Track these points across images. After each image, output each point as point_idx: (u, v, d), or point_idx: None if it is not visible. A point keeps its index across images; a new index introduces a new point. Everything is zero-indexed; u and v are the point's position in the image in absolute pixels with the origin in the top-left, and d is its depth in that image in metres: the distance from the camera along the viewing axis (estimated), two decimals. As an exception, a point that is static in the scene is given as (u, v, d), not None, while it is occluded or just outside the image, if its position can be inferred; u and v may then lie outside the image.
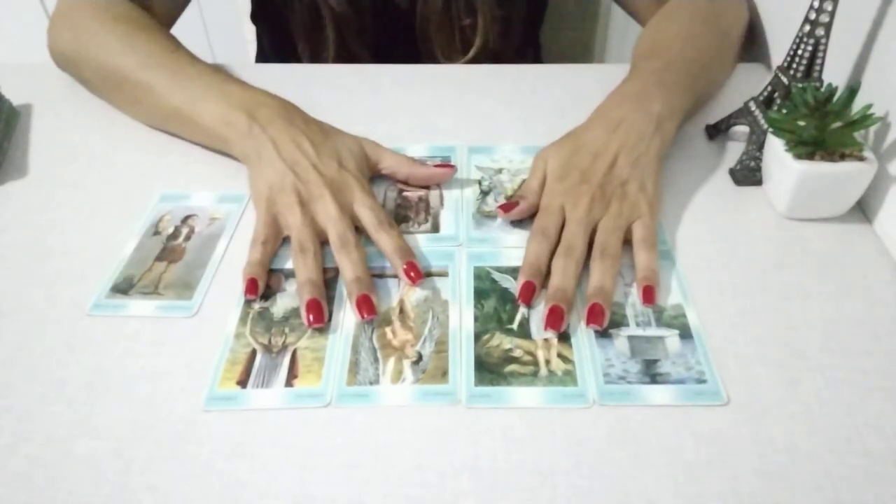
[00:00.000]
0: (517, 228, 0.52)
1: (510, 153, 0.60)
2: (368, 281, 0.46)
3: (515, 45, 0.81)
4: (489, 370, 0.41)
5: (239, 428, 0.39)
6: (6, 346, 0.43)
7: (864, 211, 0.52)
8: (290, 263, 0.48)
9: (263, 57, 0.93)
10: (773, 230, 0.51)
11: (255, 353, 0.43)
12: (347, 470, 0.37)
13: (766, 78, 0.57)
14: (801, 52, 0.51)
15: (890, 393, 0.40)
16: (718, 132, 0.60)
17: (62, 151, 0.61)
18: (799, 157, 0.48)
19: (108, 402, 0.40)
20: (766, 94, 0.56)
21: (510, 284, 0.47)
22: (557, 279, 0.45)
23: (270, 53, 0.90)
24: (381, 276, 0.48)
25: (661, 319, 0.44)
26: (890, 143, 0.50)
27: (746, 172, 0.55)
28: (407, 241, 0.48)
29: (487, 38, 0.76)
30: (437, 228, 0.52)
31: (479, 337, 0.43)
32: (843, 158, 0.48)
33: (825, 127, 0.47)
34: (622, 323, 0.44)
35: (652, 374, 0.41)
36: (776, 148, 0.50)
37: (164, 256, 0.50)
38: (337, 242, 0.47)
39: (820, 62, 0.51)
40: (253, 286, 0.46)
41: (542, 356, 0.42)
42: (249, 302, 0.46)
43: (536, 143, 0.57)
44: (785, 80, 0.53)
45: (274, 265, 0.48)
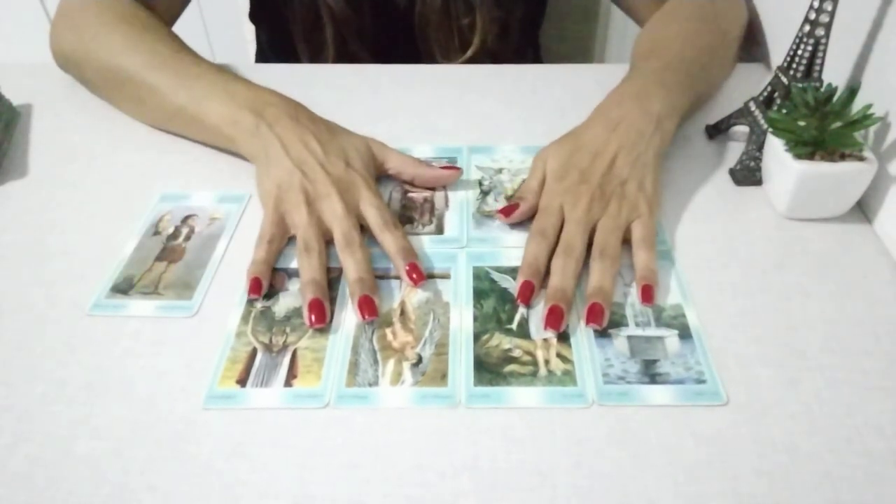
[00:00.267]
0: (517, 228, 0.52)
1: (510, 153, 0.59)
2: (371, 282, 0.46)
3: (514, 45, 0.81)
4: (488, 370, 0.41)
5: (239, 428, 0.39)
6: (6, 346, 0.43)
7: (864, 211, 0.52)
8: (293, 263, 0.48)
9: (263, 57, 0.93)
10: (773, 230, 0.51)
11: (255, 352, 0.43)
12: (347, 470, 0.37)
13: (766, 78, 0.57)
14: (801, 52, 0.51)
15: (890, 393, 0.40)
16: (718, 132, 0.60)
17: (62, 151, 0.61)
18: (799, 157, 0.48)
19: (108, 401, 0.40)
20: (766, 94, 0.56)
21: (509, 284, 0.47)
22: (556, 279, 0.45)
23: (270, 53, 0.90)
24: (383, 277, 0.48)
25: (660, 319, 0.44)
26: (890, 143, 0.50)
27: (746, 172, 0.55)
28: (411, 242, 0.48)
29: (486, 37, 0.76)
30: (441, 230, 0.52)
31: (478, 337, 0.43)
32: (843, 158, 0.48)
33: (825, 127, 0.47)
34: (621, 323, 0.44)
35: (651, 374, 0.41)
36: (776, 148, 0.50)
37: (164, 256, 0.50)
38: (342, 241, 0.47)
39: (820, 62, 0.51)
40: (256, 286, 0.45)
41: (541, 356, 0.42)
42: (252, 301, 0.46)
43: (536, 142, 0.57)
44: (785, 80, 0.53)
45: (278, 264, 0.48)
